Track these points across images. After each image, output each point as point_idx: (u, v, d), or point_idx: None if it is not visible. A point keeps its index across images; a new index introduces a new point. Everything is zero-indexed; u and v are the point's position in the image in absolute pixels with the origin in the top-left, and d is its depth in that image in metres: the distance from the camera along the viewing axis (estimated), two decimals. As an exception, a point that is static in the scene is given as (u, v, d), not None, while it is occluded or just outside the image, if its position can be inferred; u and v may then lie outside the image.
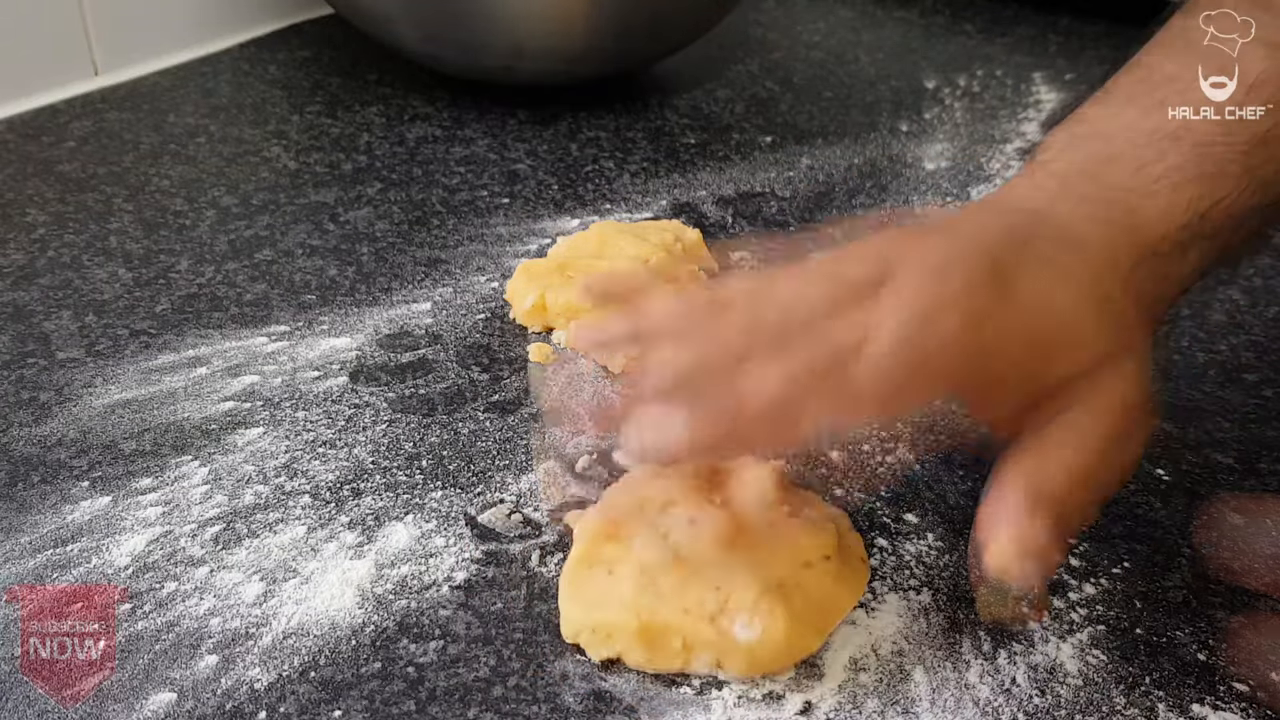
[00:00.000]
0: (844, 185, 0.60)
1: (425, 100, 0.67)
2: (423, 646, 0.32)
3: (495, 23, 0.60)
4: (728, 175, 0.60)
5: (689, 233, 0.50)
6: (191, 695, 0.30)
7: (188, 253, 0.51)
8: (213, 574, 0.34)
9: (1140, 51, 0.38)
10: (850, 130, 0.66)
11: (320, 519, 0.36)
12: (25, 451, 0.39)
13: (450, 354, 0.45)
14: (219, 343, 0.45)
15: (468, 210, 0.56)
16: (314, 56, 0.72)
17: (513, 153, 0.62)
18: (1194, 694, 0.32)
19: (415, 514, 0.37)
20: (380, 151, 0.61)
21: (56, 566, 0.34)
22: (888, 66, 0.76)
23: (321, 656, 0.32)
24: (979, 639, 0.33)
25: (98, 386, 0.42)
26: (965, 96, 0.71)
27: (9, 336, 0.44)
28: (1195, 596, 0.35)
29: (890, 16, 0.85)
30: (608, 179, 0.59)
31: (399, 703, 0.30)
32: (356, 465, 0.39)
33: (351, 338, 0.45)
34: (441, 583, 0.34)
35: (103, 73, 0.67)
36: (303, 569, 0.34)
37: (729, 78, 0.73)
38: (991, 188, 0.60)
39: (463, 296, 0.49)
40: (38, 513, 0.36)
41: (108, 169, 0.57)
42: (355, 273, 0.50)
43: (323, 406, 0.42)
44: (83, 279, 0.48)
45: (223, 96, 0.66)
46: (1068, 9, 0.86)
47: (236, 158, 0.60)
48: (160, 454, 0.39)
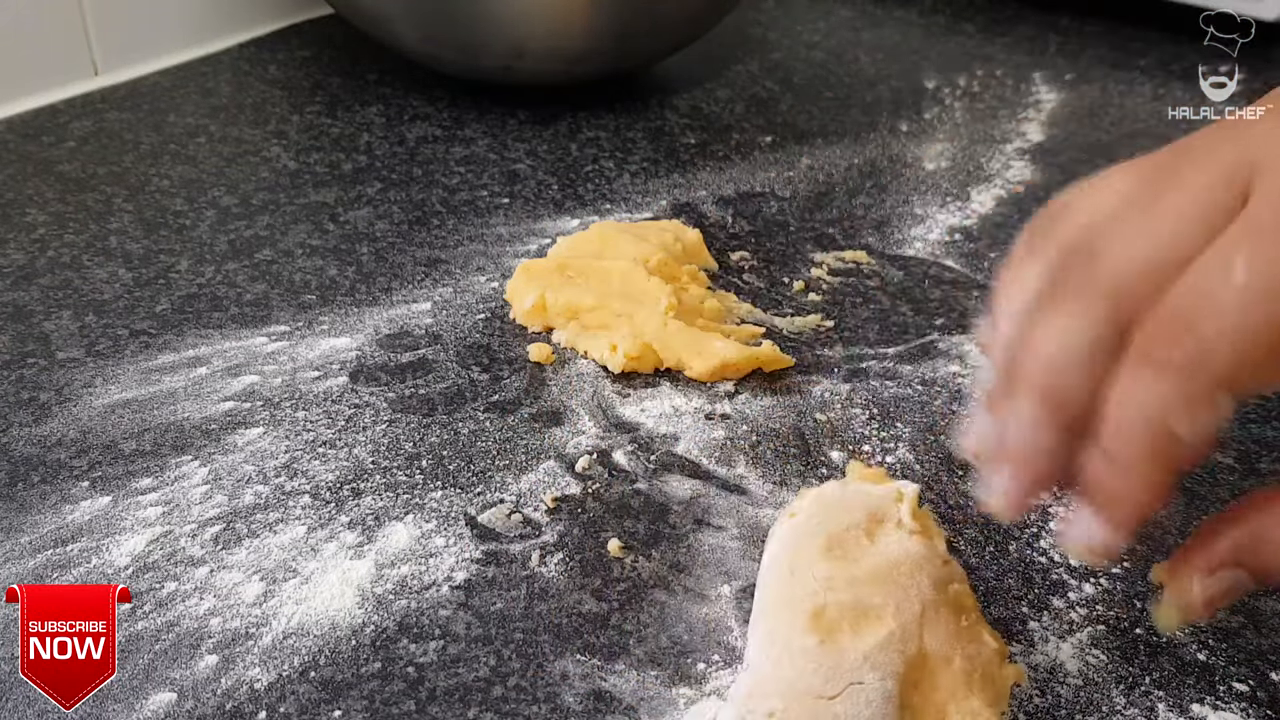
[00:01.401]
0: (844, 185, 0.60)
1: (425, 100, 0.67)
2: (423, 646, 0.32)
3: (495, 23, 0.60)
4: (728, 175, 0.60)
5: (689, 233, 0.50)
6: (191, 695, 0.30)
7: (188, 253, 0.51)
8: (213, 574, 0.34)
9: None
10: (850, 130, 0.66)
11: (320, 519, 0.36)
12: (25, 451, 0.39)
13: (450, 354, 0.45)
14: (219, 343, 0.45)
15: (468, 210, 0.56)
16: (314, 56, 0.72)
17: (513, 153, 0.62)
18: (1194, 694, 0.32)
19: (415, 514, 0.37)
20: (380, 151, 0.61)
21: (56, 566, 0.34)
22: (888, 66, 0.76)
23: (321, 656, 0.32)
24: (979, 639, 0.33)
25: (98, 386, 0.42)
26: (965, 96, 0.71)
27: (9, 336, 0.44)
28: (1195, 596, 0.35)
29: (890, 16, 0.85)
30: (608, 179, 0.59)
31: (399, 703, 0.30)
32: (356, 465, 0.39)
33: (351, 338, 0.45)
34: (441, 583, 0.34)
35: (103, 73, 0.67)
36: (303, 569, 0.34)
37: (729, 78, 0.73)
38: (991, 188, 0.60)
39: (463, 296, 0.49)
40: (38, 513, 0.36)
41: (108, 169, 0.57)
42: (355, 273, 0.50)
43: (323, 406, 0.42)
44: (83, 279, 0.48)
45: (223, 96, 0.66)
46: (1068, 9, 0.86)
47: (236, 158, 0.60)
48: (160, 454, 0.39)
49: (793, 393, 0.43)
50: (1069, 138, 0.65)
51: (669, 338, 0.43)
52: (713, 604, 0.34)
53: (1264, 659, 0.33)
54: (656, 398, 0.43)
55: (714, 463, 0.40)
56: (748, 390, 0.43)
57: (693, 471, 0.39)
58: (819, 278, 0.51)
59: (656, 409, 0.42)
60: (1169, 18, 0.80)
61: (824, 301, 0.49)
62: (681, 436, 0.41)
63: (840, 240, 0.54)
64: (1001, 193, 0.59)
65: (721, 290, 0.49)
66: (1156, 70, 0.75)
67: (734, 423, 0.42)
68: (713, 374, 0.43)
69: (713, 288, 0.49)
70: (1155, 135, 0.66)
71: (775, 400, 0.43)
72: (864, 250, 0.53)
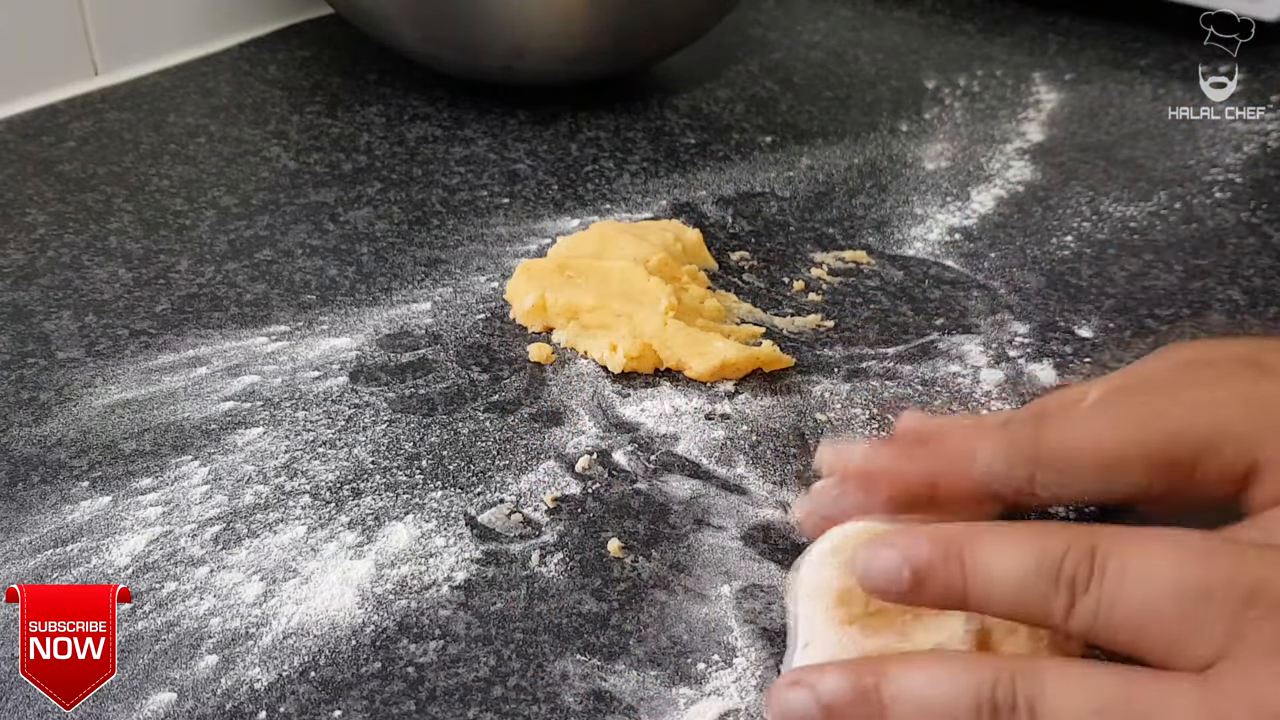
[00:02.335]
0: (844, 185, 0.60)
1: (425, 100, 0.67)
2: (423, 646, 0.32)
3: (495, 23, 0.60)
4: (728, 175, 0.60)
5: (689, 233, 0.50)
6: (191, 695, 0.30)
7: (188, 253, 0.51)
8: (213, 574, 0.34)
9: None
10: (850, 130, 0.66)
11: (320, 519, 0.36)
12: (25, 451, 0.39)
13: (450, 354, 0.45)
14: (219, 343, 0.45)
15: (468, 210, 0.56)
16: (314, 56, 0.72)
17: (513, 153, 0.62)
18: (1194, 694, 0.32)
19: (415, 514, 0.37)
20: (380, 151, 0.61)
21: (56, 566, 0.34)
22: (888, 66, 0.76)
23: (321, 656, 0.32)
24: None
25: (98, 386, 0.42)
26: (965, 96, 0.71)
27: (9, 336, 0.44)
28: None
29: (890, 16, 0.85)
30: (608, 179, 0.59)
31: (399, 703, 0.30)
32: (356, 465, 0.39)
33: (351, 338, 0.45)
34: (441, 583, 0.34)
35: (103, 73, 0.67)
36: (303, 569, 0.34)
37: (729, 78, 0.73)
38: (991, 188, 0.60)
39: (463, 296, 0.49)
40: (38, 513, 0.36)
41: (108, 169, 0.57)
42: (355, 273, 0.50)
43: (323, 406, 0.42)
44: (83, 279, 0.48)
45: (223, 96, 0.66)
46: (1068, 9, 0.86)
47: (236, 158, 0.60)
48: (160, 454, 0.39)
49: (793, 393, 0.43)
50: (1069, 138, 0.65)
51: (669, 338, 0.43)
52: (713, 604, 0.34)
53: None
54: (656, 398, 0.43)
55: (714, 463, 0.40)
56: (748, 390, 0.43)
57: (693, 471, 0.39)
58: (819, 278, 0.51)
59: (656, 409, 0.42)
60: (1169, 18, 0.80)
61: (824, 301, 0.49)
62: (681, 436, 0.41)
63: (840, 240, 0.54)
64: (1002, 193, 0.59)
65: (721, 290, 0.49)
66: (1156, 70, 0.75)
67: (734, 423, 0.42)
68: (713, 374, 0.43)
69: (713, 288, 0.49)
70: (1155, 135, 0.66)
71: (775, 400, 0.43)
72: (864, 250, 0.53)
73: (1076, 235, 0.55)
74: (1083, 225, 0.56)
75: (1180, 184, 0.60)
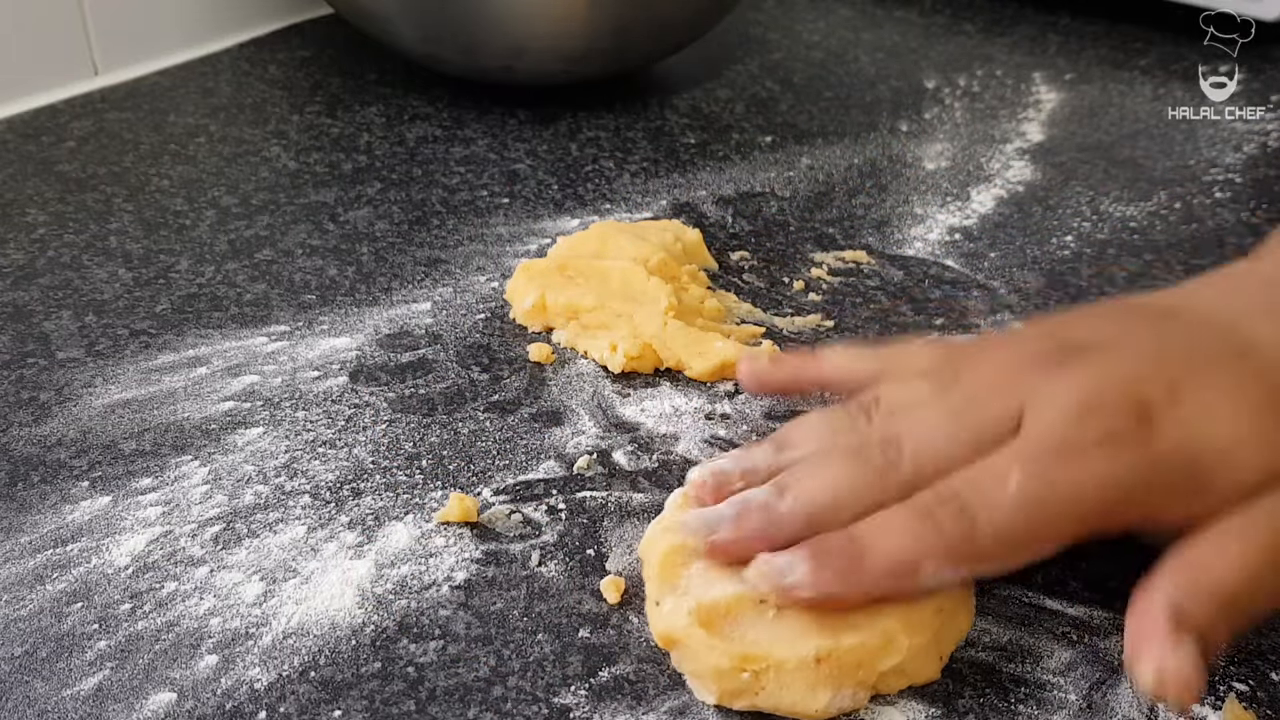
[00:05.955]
0: (844, 185, 0.60)
1: (425, 100, 0.67)
2: (423, 646, 0.32)
3: (495, 23, 0.60)
4: (728, 175, 0.60)
5: (689, 233, 0.50)
6: (191, 695, 0.30)
7: (188, 253, 0.51)
8: (213, 574, 0.34)
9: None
10: (850, 130, 0.66)
11: (320, 519, 0.36)
12: (25, 451, 0.39)
13: (450, 354, 0.45)
14: (219, 343, 0.45)
15: (468, 210, 0.56)
16: (314, 56, 0.72)
17: (513, 153, 0.62)
18: (1194, 694, 0.32)
19: (415, 514, 0.37)
20: (380, 151, 0.61)
21: (56, 566, 0.34)
22: (888, 66, 0.76)
23: (321, 656, 0.32)
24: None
25: (98, 386, 0.42)
26: (965, 96, 0.71)
27: (9, 336, 0.44)
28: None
29: (890, 16, 0.85)
30: (608, 179, 0.59)
31: (399, 703, 0.30)
32: (356, 465, 0.39)
33: (351, 338, 0.45)
34: (441, 583, 0.34)
35: (103, 73, 0.67)
36: (303, 569, 0.34)
37: (729, 78, 0.73)
38: (991, 188, 0.60)
39: (463, 296, 0.49)
40: (38, 513, 0.36)
41: (108, 169, 0.57)
42: (355, 273, 0.50)
43: (323, 406, 0.42)
44: (83, 279, 0.48)
45: (223, 96, 0.66)
46: (1068, 9, 0.86)
47: (236, 158, 0.60)
48: (160, 454, 0.39)
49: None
50: (1069, 138, 0.65)
51: (669, 338, 0.43)
52: (713, 604, 0.34)
53: (1264, 659, 0.33)
54: (656, 398, 0.43)
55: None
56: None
57: (693, 471, 0.39)
58: (819, 278, 0.51)
59: (656, 409, 0.42)
60: (1169, 18, 0.80)
61: (824, 301, 0.49)
62: (681, 436, 0.41)
63: (840, 240, 0.54)
64: (1002, 193, 0.59)
65: (721, 290, 0.49)
66: (1156, 70, 0.75)
67: (734, 423, 0.42)
68: (713, 374, 0.43)
69: (713, 288, 0.49)
70: (1155, 135, 0.66)
71: (775, 400, 0.43)
72: (864, 250, 0.53)
73: (1076, 235, 0.55)
74: (1083, 225, 0.56)
75: (1180, 184, 0.60)
